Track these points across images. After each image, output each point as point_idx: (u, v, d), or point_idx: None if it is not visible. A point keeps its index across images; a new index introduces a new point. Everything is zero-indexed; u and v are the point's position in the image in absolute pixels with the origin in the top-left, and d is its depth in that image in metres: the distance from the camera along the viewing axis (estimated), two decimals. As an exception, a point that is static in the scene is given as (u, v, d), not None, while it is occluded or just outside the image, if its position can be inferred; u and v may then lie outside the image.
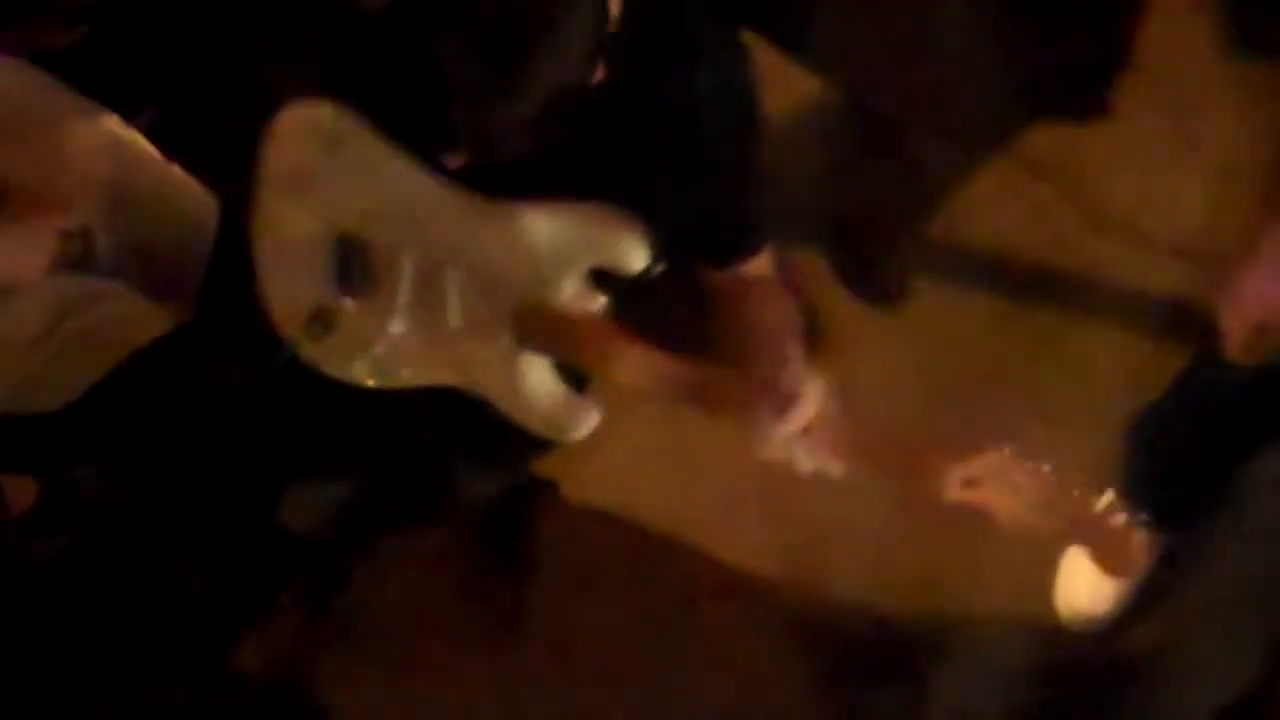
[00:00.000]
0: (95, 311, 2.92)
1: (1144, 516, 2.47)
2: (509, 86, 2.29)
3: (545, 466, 3.20)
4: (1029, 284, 3.63)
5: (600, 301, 2.64)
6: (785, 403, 2.52)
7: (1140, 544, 2.47)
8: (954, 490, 2.48)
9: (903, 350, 3.59)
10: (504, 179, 2.53)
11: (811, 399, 2.53)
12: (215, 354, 2.96)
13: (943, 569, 3.44)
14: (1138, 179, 3.66)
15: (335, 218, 2.71)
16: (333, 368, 2.76)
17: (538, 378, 2.68)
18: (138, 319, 2.94)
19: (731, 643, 3.24)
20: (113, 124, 3.06)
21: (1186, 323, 3.47)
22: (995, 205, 3.67)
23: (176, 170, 3.04)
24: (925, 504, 3.39)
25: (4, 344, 2.89)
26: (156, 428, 3.15)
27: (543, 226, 2.61)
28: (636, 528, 2.74)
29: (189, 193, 3.03)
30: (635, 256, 2.60)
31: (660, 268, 2.61)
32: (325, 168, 2.67)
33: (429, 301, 2.67)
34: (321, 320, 2.72)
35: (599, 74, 2.41)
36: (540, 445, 2.83)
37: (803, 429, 2.53)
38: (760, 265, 2.65)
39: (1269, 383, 2.96)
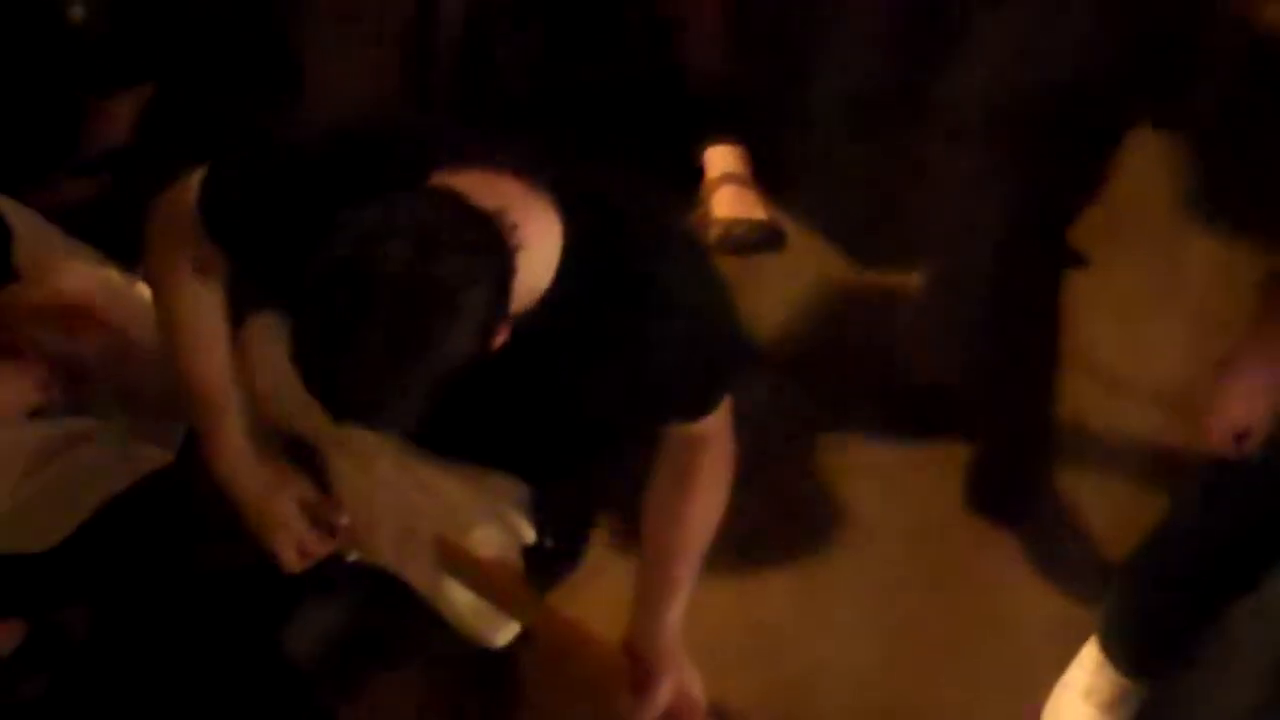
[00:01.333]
0: (78, 455, 2.94)
1: None
2: (404, 370, 2.25)
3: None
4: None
5: (515, 548, 2.75)
6: (648, 683, 2.71)
7: None
8: None
9: (885, 489, 3.61)
10: None
11: (670, 685, 2.71)
12: (200, 494, 3.01)
13: (923, 710, 3.45)
14: (1119, 326, 3.70)
15: (283, 422, 2.82)
16: None
17: (460, 590, 2.78)
18: (121, 463, 2.96)
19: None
20: (109, 270, 3.11)
21: (1168, 468, 3.49)
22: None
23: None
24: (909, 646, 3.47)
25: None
26: (145, 568, 3.18)
27: (445, 483, 2.72)
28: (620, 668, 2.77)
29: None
30: (523, 530, 2.73)
31: (550, 543, 2.75)
32: (279, 371, 2.72)
33: (366, 510, 2.80)
34: None
35: (500, 340, 2.35)
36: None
37: (663, 711, 2.71)
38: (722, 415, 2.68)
39: (1249, 526, 2.99)
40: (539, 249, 2.37)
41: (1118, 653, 3.31)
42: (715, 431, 2.68)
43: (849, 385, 3.71)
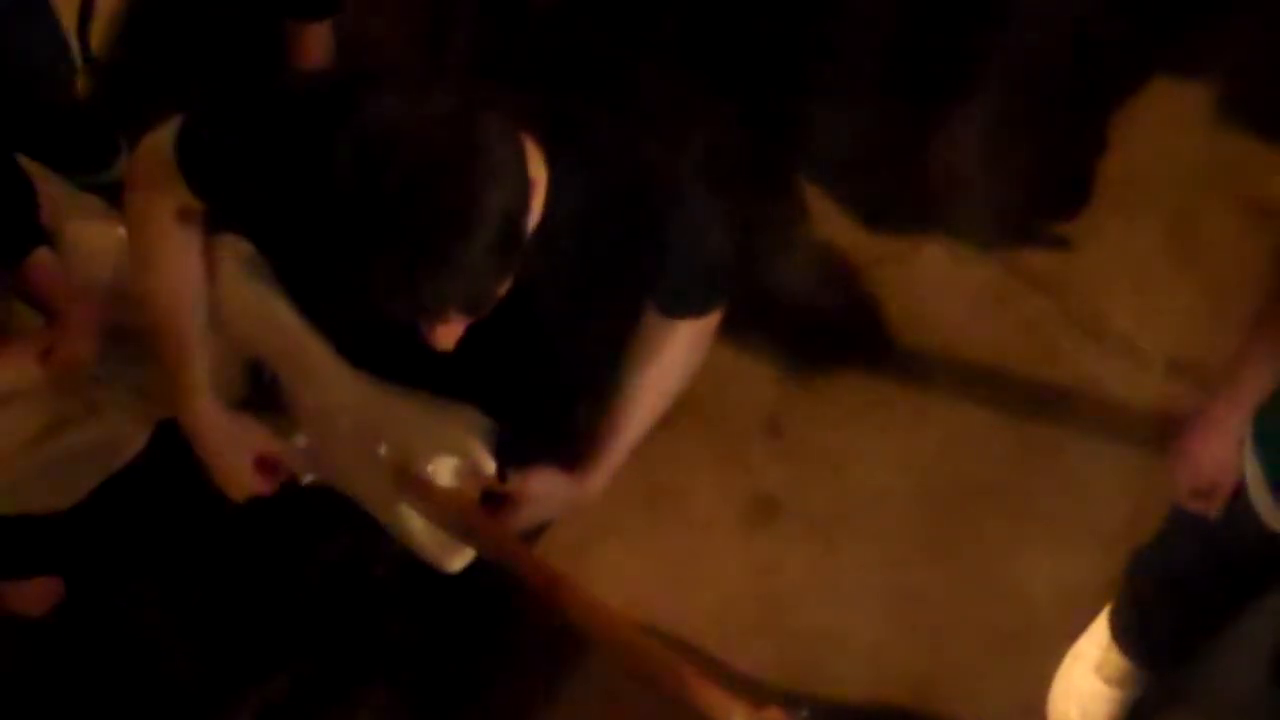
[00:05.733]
0: (89, 426, 2.95)
1: None
2: (463, 219, 2.22)
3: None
4: (1025, 395, 3.65)
5: (474, 480, 2.75)
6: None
7: None
8: None
9: (897, 459, 3.61)
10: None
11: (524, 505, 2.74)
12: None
13: (938, 678, 3.46)
14: (1134, 295, 3.69)
15: (245, 346, 2.83)
16: None
17: (415, 515, 2.79)
18: (132, 433, 2.97)
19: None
20: (119, 226, 3.10)
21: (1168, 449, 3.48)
22: (992, 317, 3.71)
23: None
24: (920, 613, 3.48)
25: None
26: (159, 527, 3.20)
27: (408, 411, 2.72)
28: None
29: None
30: (484, 462, 2.71)
31: (511, 475, 2.74)
32: (241, 297, 2.78)
33: (326, 433, 2.81)
34: (249, 409, 2.85)
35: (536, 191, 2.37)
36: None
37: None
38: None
39: (1222, 562, 2.98)
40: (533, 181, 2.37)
41: (1124, 642, 3.32)
42: (693, 327, 2.71)
43: (860, 351, 3.72)
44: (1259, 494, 2.72)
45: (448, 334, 2.37)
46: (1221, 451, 2.68)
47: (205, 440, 2.78)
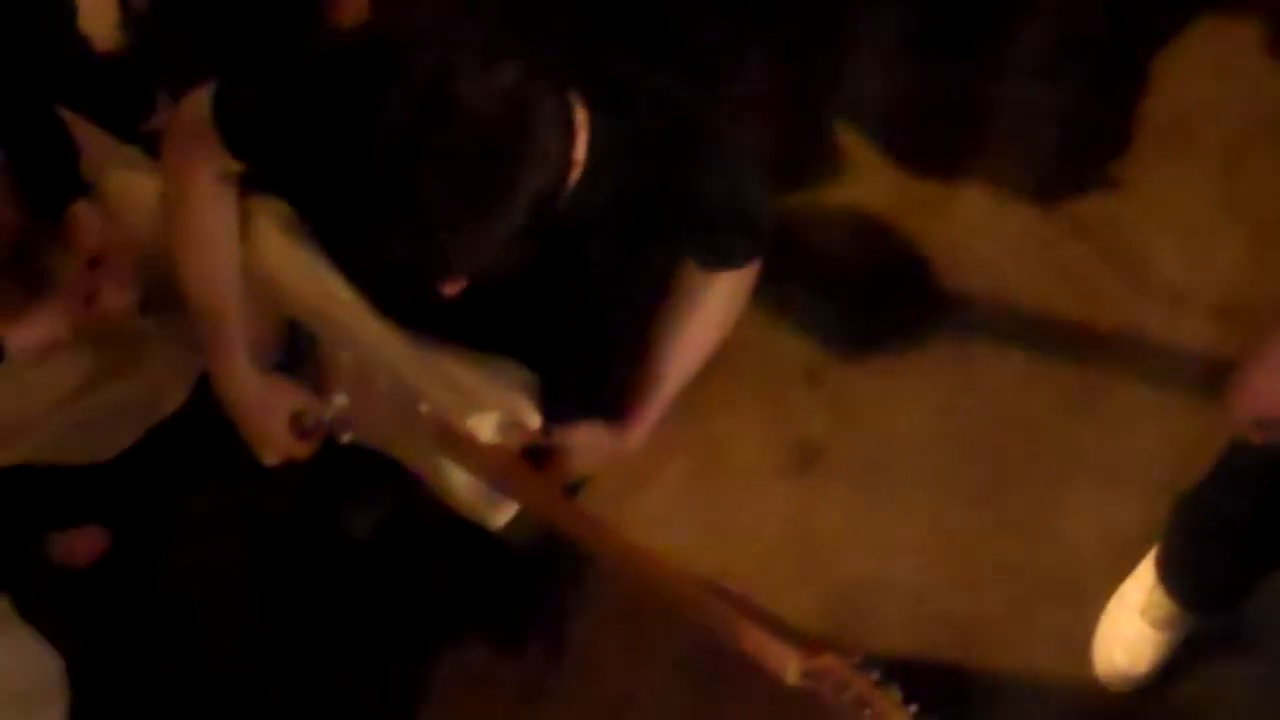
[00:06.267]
0: (131, 378, 2.97)
1: None
2: (496, 197, 2.25)
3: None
4: (1067, 341, 3.64)
5: (516, 433, 2.75)
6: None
7: None
8: (793, 677, 2.59)
9: (939, 406, 3.60)
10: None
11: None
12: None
13: (981, 625, 3.45)
14: (1178, 240, 3.67)
15: (282, 306, 2.84)
16: None
17: (457, 471, 2.80)
18: (174, 385, 2.99)
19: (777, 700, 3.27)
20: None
21: (1225, 383, 3.47)
22: (1035, 262, 3.69)
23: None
24: (963, 559, 3.47)
25: (39, 394, 2.93)
26: (200, 477, 3.22)
27: (451, 367, 2.73)
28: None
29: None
30: (529, 417, 2.72)
31: (557, 430, 2.76)
32: (278, 257, 2.79)
33: (365, 392, 2.82)
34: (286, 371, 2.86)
35: (575, 172, 2.38)
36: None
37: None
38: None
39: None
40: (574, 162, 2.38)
41: (1171, 585, 3.31)
42: (732, 280, 2.73)
43: (900, 298, 3.70)
44: None
45: (454, 284, 2.40)
46: (1274, 387, 2.68)
47: (239, 401, 2.79)
